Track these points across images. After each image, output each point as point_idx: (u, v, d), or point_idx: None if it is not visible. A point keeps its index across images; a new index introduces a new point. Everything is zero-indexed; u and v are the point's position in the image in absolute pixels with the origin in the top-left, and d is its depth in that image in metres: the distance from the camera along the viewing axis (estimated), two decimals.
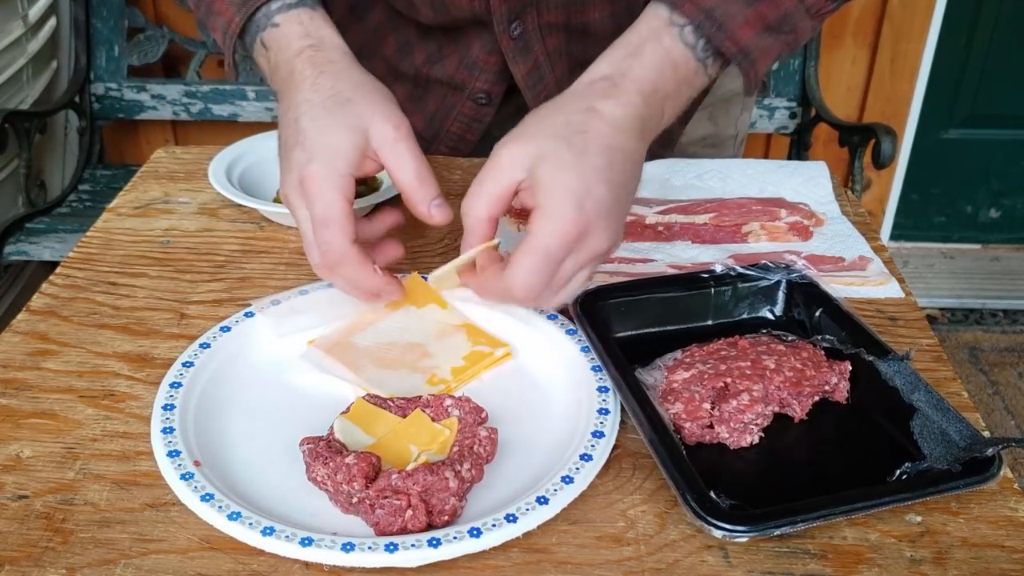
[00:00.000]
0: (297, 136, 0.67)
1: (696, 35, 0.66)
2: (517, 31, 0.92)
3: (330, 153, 0.66)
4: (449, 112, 1.03)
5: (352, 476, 0.55)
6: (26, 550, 0.54)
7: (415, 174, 0.68)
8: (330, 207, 0.65)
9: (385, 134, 0.67)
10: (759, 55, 0.69)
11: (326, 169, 0.65)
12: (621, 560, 0.54)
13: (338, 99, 0.68)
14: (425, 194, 0.68)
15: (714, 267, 0.76)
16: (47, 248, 1.88)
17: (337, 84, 0.69)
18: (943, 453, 0.59)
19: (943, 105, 2.40)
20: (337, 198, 0.65)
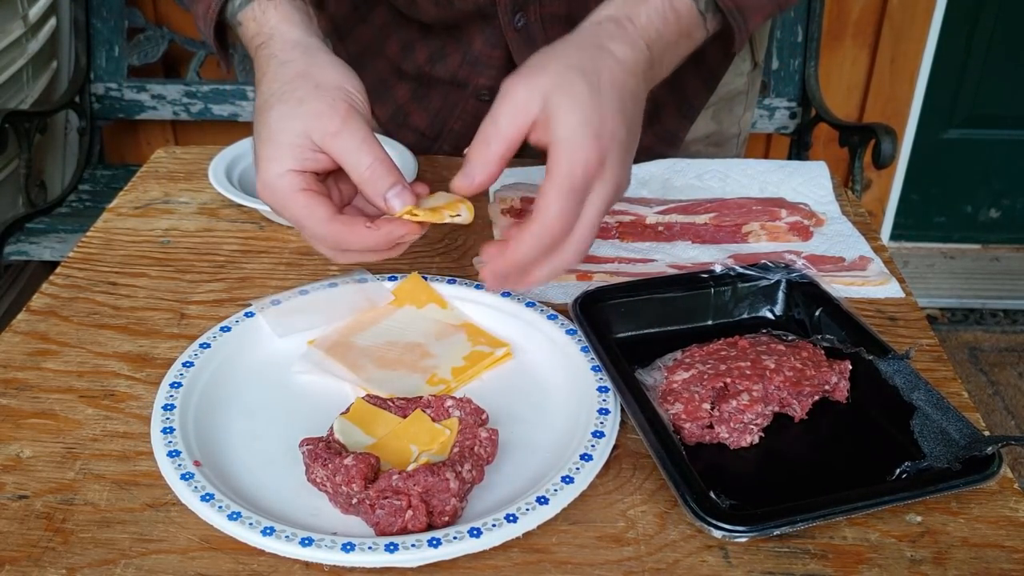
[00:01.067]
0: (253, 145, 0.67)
1: None
2: (521, 23, 0.92)
3: (270, 159, 0.64)
4: (452, 110, 1.03)
5: (351, 477, 0.55)
6: (26, 550, 0.54)
7: (363, 167, 0.63)
8: (290, 208, 0.64)
9: (322, 129, 0.64)
10: (751, 13, 0.70)
11: (269, 176, 0.64)
12: (621, 560, 0.54)
13: (272, 100, 0.66)
14: (378, 186, 0.64)
15: (714, 267, 0.76)
16: (47, 248, 1.88)
17: (273, 84, 0.67)
18: (943, 452, 0.59)
19: (943, 105, 2.40)
20: (290, 196, 0.64)
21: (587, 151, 0.59)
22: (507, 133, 0.61)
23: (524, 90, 0.61)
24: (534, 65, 0.62)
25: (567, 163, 0.59)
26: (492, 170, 0.62)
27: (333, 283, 0.77)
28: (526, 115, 0.60)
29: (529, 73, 0.61)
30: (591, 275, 0.80)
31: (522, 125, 0.61)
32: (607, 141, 0.60)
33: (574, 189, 0.59)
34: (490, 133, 0.61)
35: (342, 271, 0.81)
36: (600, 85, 0.61)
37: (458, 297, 0.76)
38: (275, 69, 0.68)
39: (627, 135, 0.62)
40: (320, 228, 0.64)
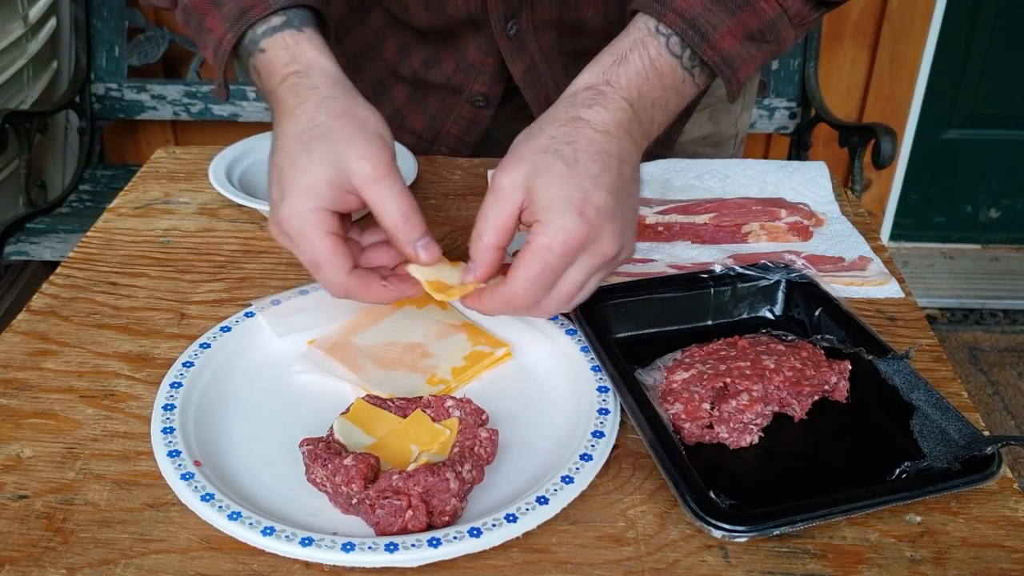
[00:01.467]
0: (274, 173, 0.66)
1: (682, 46, 0.67)
2: (513, 30, 0.92)
3: (304, 192, 0.63)
4: (448, 114, 1.03)
5: (351, 478, 0.55)
6: (26, 550, 0.54)
7: (399, 214, 0.64)
8: (314, 249, 0.63)
9: (364, 172, 0.63)
10: (741, 64, 0.69)
11: (301, 208, 0.63)
12: (621, 560, 0.54)
13: (315, 132, 0.65)
14: (410, 234, 0.65)
15: (714, 267, 0.76)
16: (47, 248, 1.88)
17: (316, 116, 0.66)
18: (943, 452, 0.59)
19: (943, 105, 2.40)
20: (319, 236, 0.63)
21: (567, 228, 0.60)
22: (496, 224, 0.63)
23: (507, 181, 0.62)
24: (513, 154, 0.64)
25: (544, 238, 0.61)
26: (491, 260, 0.64)
27: None
28: (512, 204, 0.62)
29: (508, 163, 0.63)
30: None
31: (509, 214, 0.63)
32: (592, 215, 0.61)
33: (547, 265, 0.61)
34: (481, 228, 0.63)
35: None
36: (576, 158, 0.62)
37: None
38: (318, 101, 0.67)
39: (617, 201, 0.62)
40: (338, 278, 0.64)
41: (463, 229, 0.89)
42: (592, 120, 0.64)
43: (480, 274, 0.64)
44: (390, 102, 1.07)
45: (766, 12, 0.68)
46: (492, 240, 0.63)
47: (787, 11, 0.69)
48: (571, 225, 0.60)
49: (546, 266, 0.61)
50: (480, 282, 0.65)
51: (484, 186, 0.97)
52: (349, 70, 1.09)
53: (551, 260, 0.61)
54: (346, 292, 0.65)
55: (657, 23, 0.67)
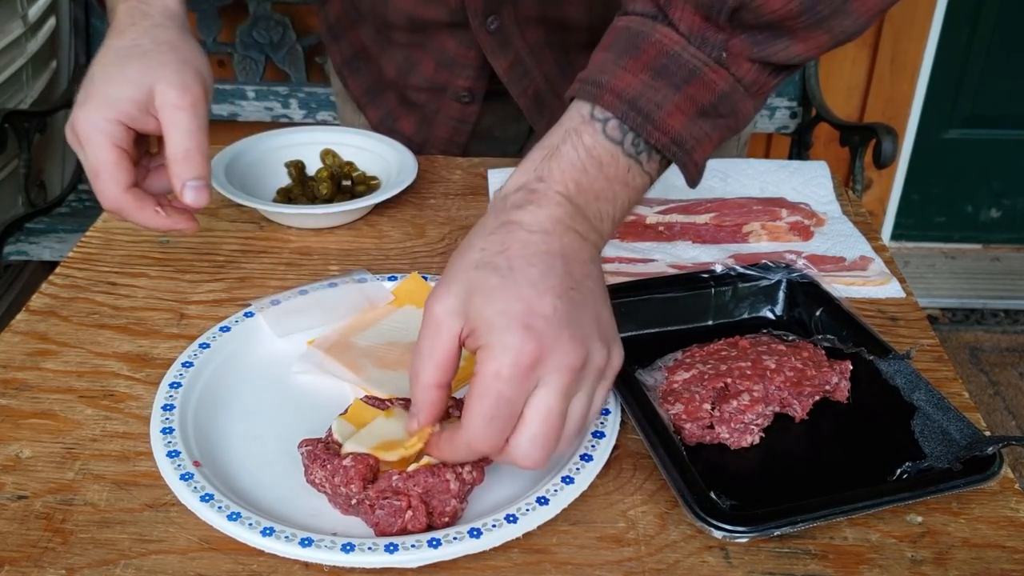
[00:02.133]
0: (85, 80, 0.68)
1: (622, 130, 0.58)
2: (494, 25, 0.91)
3: (104, 101, 0.66)
4: (435, 116, 1.03)
5: (350, 479, 0.55)
6: (26, 550, 0.54)
7: (182, 148, 0.66)
8: (98, 155, 0.66)
9: (167, 97, 0.66)
10: (694, 144, 0.59)
11: (96, 115, 0.65)
12: (621, 560, 0.54)
13: (135, 51, 0.68)
14: (183, 171, 0.66)
15: (714, 267, 0.76)
16: (47, 248, 1.88)
17: (140, 38, 0.69)
18: (944, 452, 0.59)
19: (943, 105, 2.40)
20: (105, 145, 0.65)
21: (513, 346, 0.51)
22: (435, 360, 0.54)
23: (439, 308, 0.54)
24: (444, 277, 0.56)
25: (490, 364, 0.52)
26: (434, 400, 0.55)
27: (333, 283, 0.77)
28: (449, 333, 0.54)
29: (439, 288, 0.55)
30: None
31: (447, 346, 0.54)
32: (541, 325, 0.52)
33: (500, 395, 0.51)
34: (418, 366, 0.55)
35: (342, 271, 0.81)
36: (511, 266, 0.53)
37: None
38: (146, 27, 0.70)
39: (569, 304, 0.53)
40: (112, 191, 0.67)
41: (463, 229, 0.89)
42: (524, 221, 0.55)
43: (423, 418, 0.55)
44: (384, 105, 1.07)
45: (716, 84, 0.58)
46: (431, 378, 0.54)
47: (741, 81, 0.59)
48: (517, 341, 0.51)
49: (500, 397, 0.51)
50: (428, 426, 0.56)
51: (484, 186, 0.97)
52: (345, 70, 1.09)
53: (504, 389, 0.51)
54: (118, 207, 0.67)
55: (592, 107, 0.58)
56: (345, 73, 1.09)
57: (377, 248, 0.86)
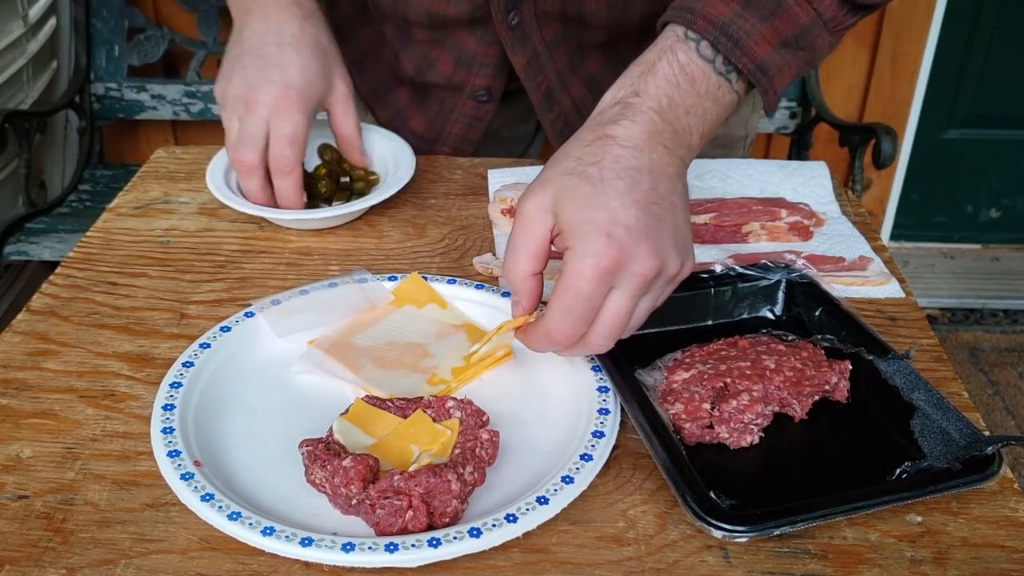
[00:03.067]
0: (278, 54, 0.82)
1: (713, 51, 0.65)
2: (515, 20, 0.91)
3: (307, 84, 0.82)
4: (449, 114, 1.03)
5: (349, 479, 0.55)
6: (26, 550, 0.54)
7: (356, 127, 0.89)
8: (298, 127, 0.81)
9: (340, 91, 0.86)
10: (776, 72, 0.67)
11: (302, 95, 0.81)
12: (621, 560, 0.54)
13: (318, 46, 0.84)
14: (359, 143, 0.90)
15: (714, 267, 0.76)
16: (47, 248, 1.88)
17: (305, 25, 0.84)
18: (943, 452, 0.59)
19: (943, 105, 2.40)
20: (303, 121, 0.81)
21: (595, 251, 0.57)
22: (527, 251, 0.61)
23: (531, 206, 0.61)
24: (539, 178, 0.62)
25: (574, 265, 0.58)
26: (531, 288, 0.62)
27: (333, 283, 0.77)
28: (540, 228, 0.60)
29: (533, 188, 0.61)
30: None
31: (539, 239, 0.61)
32: (621, 234, 0.58)
33: (580, 293, 0.58)
34: (513, 258, 0.62)
35: (342, 271, 0.81)
36: (602, 177, 0.59)
37: (458, 297, 0.76)
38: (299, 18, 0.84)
39: (650, 217, 0.59)
40: (296, 160, 0.83)
41: (463, 229, 0.89)
42: (618, 136, 0.61)
43: (526, 304, 0.63)
44: (393, 103, 1.07)
45: (799, 16, 0.66)
46: (527, 268, 0.61)
47: (821, 16, 0.66)
48: (599, 248, 0.57)
49: (579, 295, 0.58)
50: (528, 313, 0.63)
51: (484, 186, 0.97)
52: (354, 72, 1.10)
53: (584, 288, 0.58)
54: (290, 172, 0.83)
55: (686, 30, 0.65)
56: (353, 73, 1.09)
57: (377, 248, 0.86)
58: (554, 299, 0.59)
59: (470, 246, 0.86)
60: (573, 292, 0.58)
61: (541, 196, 0.60)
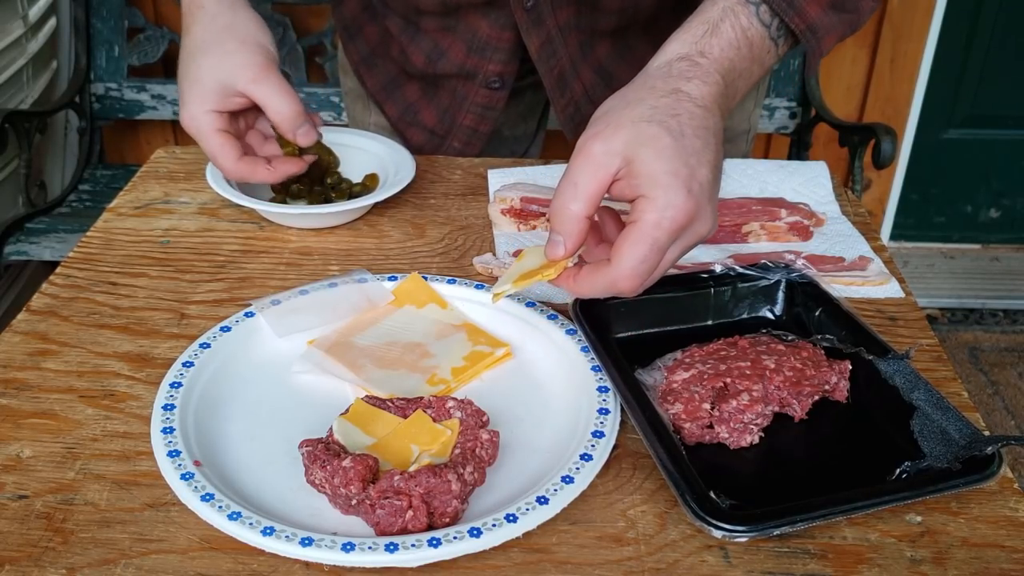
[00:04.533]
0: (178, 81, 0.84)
1: (771, 15, 0.66)
2: (530, 3, 0.92)
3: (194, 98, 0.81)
4: (461, 104, 1.03)
5: (349, 480, 0.55)
6: (26, 550, 0.54)
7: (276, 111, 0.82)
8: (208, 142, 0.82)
9: (245, 77, 0.80)
10: (824, 33, 0.69)
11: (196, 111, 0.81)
12: (621, 560, 0.54)
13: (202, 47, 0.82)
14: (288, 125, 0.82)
15: (714, 267, 0.76)
16: (47, 248, 1.88)
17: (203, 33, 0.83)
18: (943, 452, 0.59)
19: (943, 105, 2.40)
20: (210, 134, 0.81)
21: (676, 205, 0.58)
22: (588, 191, 0.60)
23: (600, 146, 0.59)
24: (607, 120, 0.61)
25: (653, 214, 0.58)
26: (581, 231, 0.61)
27: (333, 283, 0.77)
28: (607, 172, 0.59)
29: (604, 130, 0.60)
30: None
31: (602, 181, 0.59)
32: (697, 193, 0.59)
33: (656, 242, 0.58)
34: (570, 195, 0.60)
35: (342, 271, 0.81)
36: (683, 131, 0.59)
37: (458, 297, 0.76)
38: (205, 21, 0.83)
39: (715, 179, 0.61)
40: (228, 165, 0.82)
41: (463, 229, 0.89)
42: (692, 94, 0.62)
43: (571, 246, 0.61)
44: (403, 99, 1.07)
45: None
46: (582, 210, 0.60)
47: None
48: (680, 201, 0.58)
49: (655, 244, 0.58)
50: (570, 256, 0.62)
51: (484, 186, 0.97)
52: (362, 67, 1.10)
53: (660, 238, 0.58)
54: (238, 175, 0.83)
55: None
56: (362, 71, 1.09)
57: (377, 248, 0.86)
58: (628, 248, 0.59)
59: (470, 246, 0.86)
60: (650, 242, 0.58)
61: (614, 139, 0.59)
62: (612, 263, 0.60)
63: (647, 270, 0.60)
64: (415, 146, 1.06)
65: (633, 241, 0.59)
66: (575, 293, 0.64)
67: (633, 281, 0.60)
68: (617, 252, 0.59)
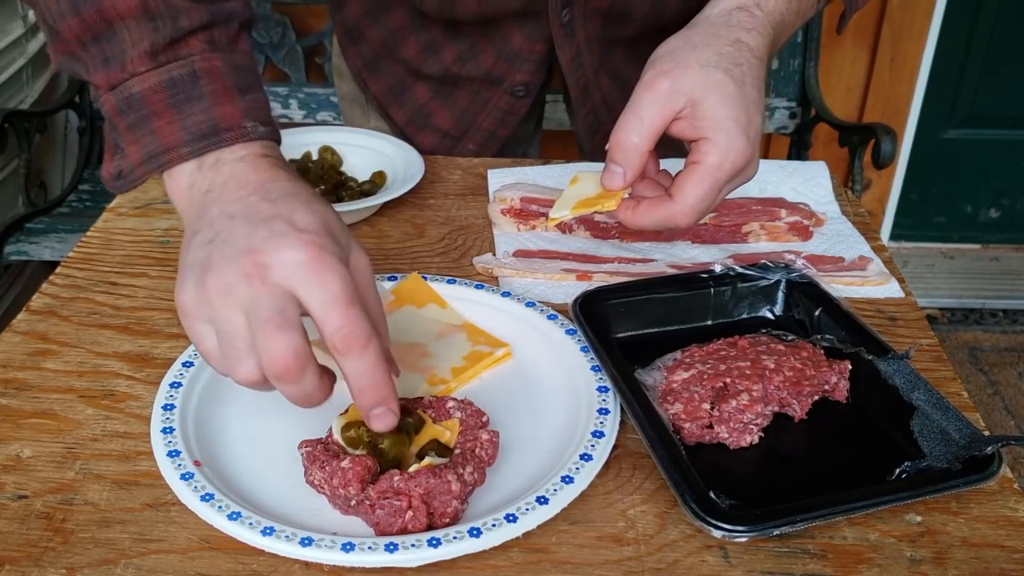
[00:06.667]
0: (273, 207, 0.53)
1: None
2: (567, 17, 0.92)
3: (331, 234, 0.53)
4: (482, 107, 1.03)
5: (348, 480, 0.55)
6: (26, 550, 0.54)
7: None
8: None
9: (364, 260, 0.55)
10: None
11: (334, 244, 0.52)
12: (621, 560, 0.54)
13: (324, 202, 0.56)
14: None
15: (714, 267, 0.76)
16: (47, 248, 1.88)
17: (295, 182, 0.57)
18: (943, 452, 0.59)
19: (943, 105, 2.40)
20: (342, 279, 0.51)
21: (737, 149, 0.62)
22: (652, 124, 0.63)
23: (669, 84, 0.63)
24: (675, 60, 0.64)
25: (716, 156, 0.62)
26: (640, 164, 0.64)
27: None
28: (671, 108, 0.63)
29: (673, 69, 0.63)
30: (591, 275, 0.80)
31: (667, 117, 0.63)
32: (753, 138, 0.63)
33: (717, 183, 0.63)
34: (633, 127, 0.63)
35: None
36: (745, 81, 0.63)
37: (458, 297, 0.76)
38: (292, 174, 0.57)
39: (760, 128, 0.65)
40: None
41: (462, 229, 0.89)
42: (751, 45, 0.65)
43: (631, 177, 0.64)
44: (411, 102, 1.07)
45: None
46: (646, 142, 0.63)
47: None
48: (742, 146, 0.62)
49: (715, 184, 0.63)
50: (628, 187, 0.65)
51: (484, 186, 0.97)
52: (365, 72, 1.09)
53: (721, 179, 0.63)
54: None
55: None
56: (365, 75, 1.08)
57: (377, 248, 0.86)
58: (692, 186, 0.63)
59: (470, 246, 0.86)
60: (712, 180, 0.63)
61: (682, 79, 0.63)
62: (675, 199, 0.64)
63: (707, 208, 0.64)
64: (425, 150, 1.05)
65: (697, 180, 0.63)
66: (633, 225, 0.66)
67: (693, 216, 0.64)
68: (680, 189, 0.63)
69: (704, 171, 0.63)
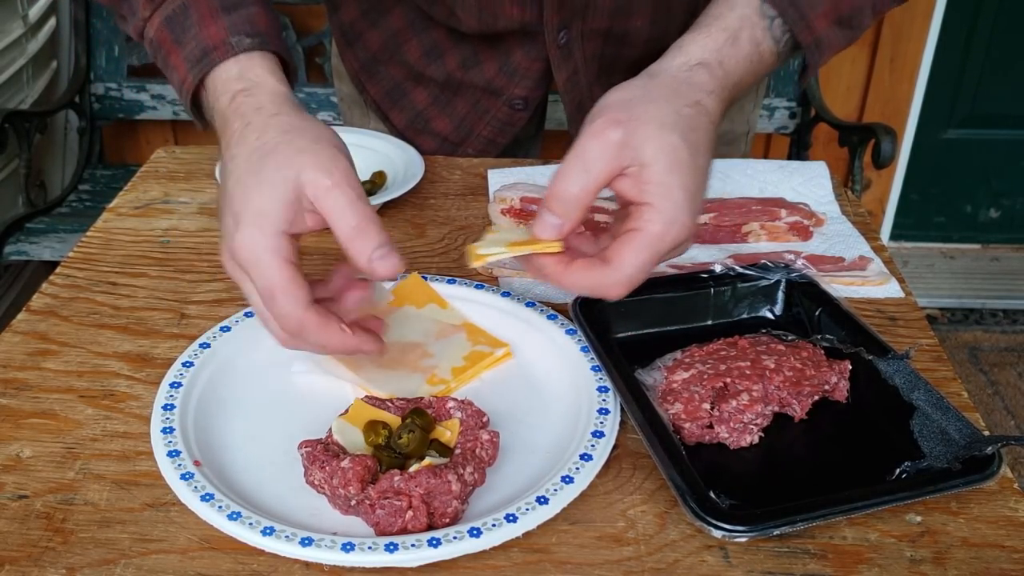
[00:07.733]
0: (224, 200, 0.61)
1: (783, 29, 0.66)
2: (564, 39, 0.92)
3: (256, 216, 0.58)
4: (482, 116, 1.03)
5: (347, 480, 0.55)
6: (26, 550, 0.54)
7: (350, 225, 0.58)
8: (270, 276, 0.58)
9: (318, 183, 0.58)
10: (827, 48, 0.70)
11: (256, 234, 0.58)
12: (621, 560, 0.54)
13: (264, 149, 0.60)
14: (362, 246, 0.58)
15: (714, 267, 0.76)
16: (47, 248, 1.88)
17: (264, 134, 0.61)
18: (943, 452, 0.59)
19: (943, 105, 2.40)
20: (275, 263, 0.58)
21: (682, 222, 0.58)
22: (596, 179, 0.58)
23: (620, 136, 0.58)
24: (631, 113, 0.59)
25: (661, 227, 0.57)
26: (579, 217, 0.59)
27: None
28: (619, 163, 0.58)
29: (627, 121, 0.58)
30: None
31: (614, 171, 0.58)
32: (697, 211, 0.59)
33: (657, 253, 0.58)
34: (574, 179, 0.58)
35: None
36: (698, 148, 0.59)
37: (458, 297, 0.76)
38: (265, 120, 0.62)
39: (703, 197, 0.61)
40: (296, 310, 0.58)
41: (462, 229, 0.89)
42: (710, 110, 0.62)
43: (568, 229, 0.59)
44: (410, 106, 1.06)
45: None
46: (587, 196, 0.58)
47: None
48: (686, 218, 0.58)
49: (654, 255, 0.58)
50: (562, 238, 0.59)
51: (484, 186, 0.97)
52: (363, 74, 1.09)
53: (662, 250, 0.58)
54: (300, 328, 0.59)
55: (760, 2, 0.66)
56: (363, 78, 1.08)
57: None
58: (631, 254, 0.58)
59: None
60: (653, 251, 0.58)
61: (635, 135, 0.58)
62: (611, 265, 0.58)
63: (642, 278, 0.59)
64: (425, 152, 1.05)
65: (637, 249, 0.58)
66: (561, 284, 0.61)
67: (626, 288, 0.59)
68: (618, 255, 0.58)
69: (645, 239, 0.57)
